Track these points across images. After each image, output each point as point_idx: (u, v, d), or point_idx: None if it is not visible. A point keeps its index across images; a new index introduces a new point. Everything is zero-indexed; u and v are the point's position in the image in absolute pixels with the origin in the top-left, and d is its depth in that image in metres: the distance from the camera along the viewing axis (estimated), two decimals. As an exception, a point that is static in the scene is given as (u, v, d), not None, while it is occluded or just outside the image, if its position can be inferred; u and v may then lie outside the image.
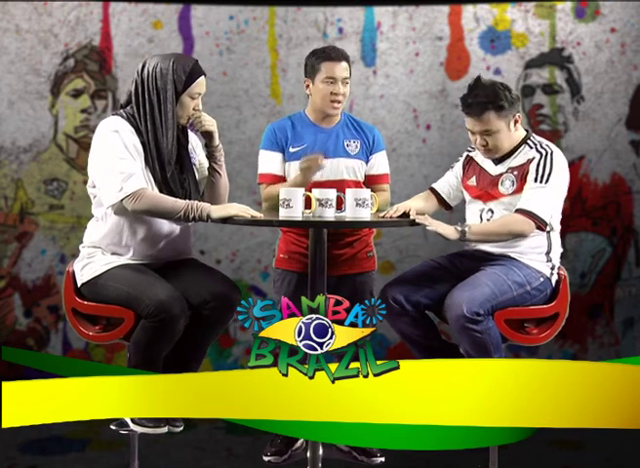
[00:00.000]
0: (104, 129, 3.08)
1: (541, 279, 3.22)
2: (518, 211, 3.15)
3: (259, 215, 3.00)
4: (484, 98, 3.14)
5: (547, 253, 3.25)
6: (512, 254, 3.23)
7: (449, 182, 3.45)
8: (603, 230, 5.33)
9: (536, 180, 3.15)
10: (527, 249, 3.23)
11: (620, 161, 5.29)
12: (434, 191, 3.47)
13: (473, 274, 3.20)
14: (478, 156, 3.37)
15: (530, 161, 3.19)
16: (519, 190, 3.19)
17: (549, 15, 5.25)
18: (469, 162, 3.40)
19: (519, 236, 3.17)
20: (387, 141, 5.15)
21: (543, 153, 3.19)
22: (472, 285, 3.13)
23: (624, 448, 4.19)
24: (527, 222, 3.13)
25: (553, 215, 3.22)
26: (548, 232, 3.23)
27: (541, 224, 3.15)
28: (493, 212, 3.26)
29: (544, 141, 3.26)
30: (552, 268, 3.25)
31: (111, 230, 3.12)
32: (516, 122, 3.21)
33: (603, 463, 4.16)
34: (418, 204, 3.36)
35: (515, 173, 3.21)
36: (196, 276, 3.15)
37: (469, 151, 3.43)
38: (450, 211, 3.50)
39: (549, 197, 3.16)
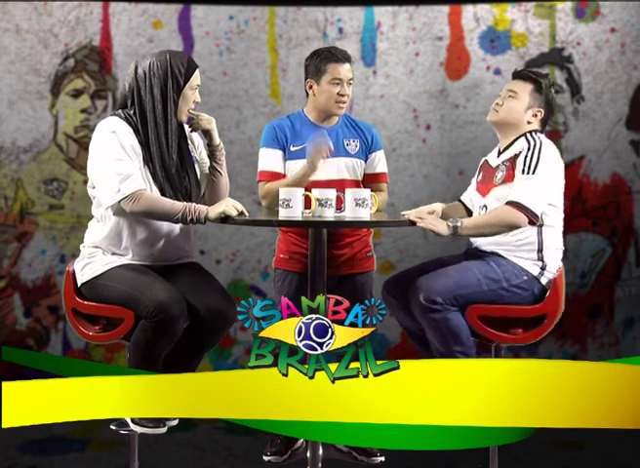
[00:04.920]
0: (102, 130, 3.08)
1: (525, 277, 3.19)
2: (508, 203, 3.14)
3: (246, 213, 3.01)
4: (535, 73, 3.31)
5: (539, 251, 3.21)
6: (500, 252, 3.23)
7: (471, 190, 3.48)
8: (603, 230, 5.33)
9: (523, 172, 3.15)
10: (516, 245, 3.21)
11: (620, 161, 5.29)
12: (461, 202, 3.52)
13: None
14: (490, 156, 3.41)
15: (520, 153, 3.21)
16: (508, 180, 3.19)
17: (549, 15, 5.25)
18: (484, 164, 3.44)
19: (513, 228, 3.13)
20: (387, 141, 5.15)
21: (532, 144, 3.20)
22: (437, 274, 3.16)
23: (624, 448, 4.19)
24: (517, 214, 3.10)
25: (545, 206, 3.18)
26: (540, 227, 3.21)
27: (531, 216, 3.12)
28: (487, 206, 3.28)
29: (539, 135, 3.27)
30: (543, 268, 3.22)
31: (111, 231, 3.12)
32: (535, 115, 3.28)
33: (603, 463, 4.16)
34: (445, 209, 3.44)
35: (507, 164, 3.24)
36: (194, 288, 3.13)
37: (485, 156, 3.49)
38: None
39: (537, 188, 3.13)
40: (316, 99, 3.54)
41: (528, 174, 3.14)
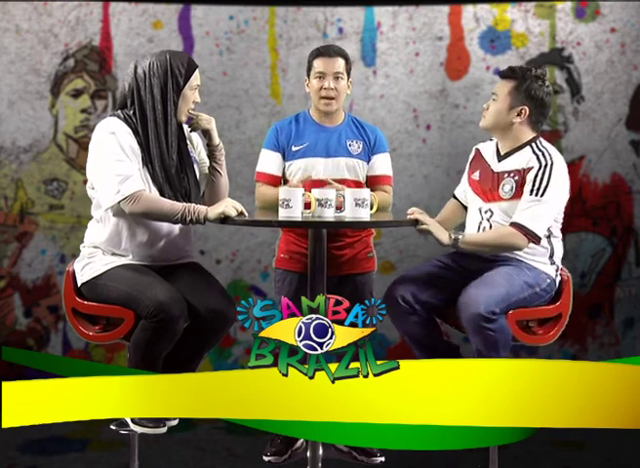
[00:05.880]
0: (101, 131, 3.08)
1: (548, 280, 3.23)
2: (512, 224, 3.15)
3: (246, 213, 3.01)
4: (516, 70, 3.21)
5: (551, 257, 3.25)
6: (518, 257, 3.23)
7: (464, 182, 3.44)
8: (603, 230, 5.33)
9: (531, 193, 3.14)
10: (531, 252, 3.22)
11: (620, 161, 5.29)
12: (455, 197, 3.48)
13: (482, 274, 3.20)
14: (485, 150, 3.37)
15: (530, 169, 3.18)
16: (517, 197, 3.18)
17: (549, 15, 5.25)
18: (477, 155, 3.40)
19: (511, 249, 3.18)
20: (387, 141, 5.15)
21: (543, 164, 3.16)
22: (488, 284, 3.12)
23: (624, 448, 4.19)
24: (520, 237, 3.13)
25: (552, 225, 3.22)
26: (548, 237, 3.24)
27: (534, 239, 3.15)
28: (492, 212, 3.25)
29: (549, 149, 3.22)
30: (556, 270, 3.27)
31: (111, 232, 3.12)
32: (519, 114, 3.20)
33: (603, 463, 4.16)
34: (449, 217, 3.42)
35: (516, 178, 3.20)
36: (194, 288, 3.13)
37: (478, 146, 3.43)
38: None
39: (543, 212, 3.15)
40: (311, 97, 3.58)
41: (537, 195, 3.13)
